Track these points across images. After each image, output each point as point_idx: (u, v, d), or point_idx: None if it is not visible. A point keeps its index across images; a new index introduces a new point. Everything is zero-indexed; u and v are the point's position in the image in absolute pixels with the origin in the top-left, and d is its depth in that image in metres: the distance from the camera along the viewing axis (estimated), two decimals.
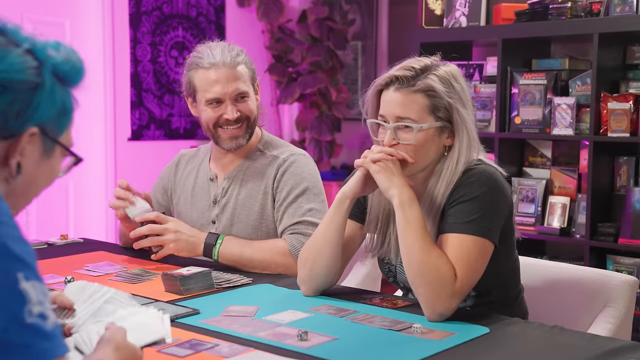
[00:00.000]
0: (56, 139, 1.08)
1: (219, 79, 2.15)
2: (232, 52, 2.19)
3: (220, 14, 5.41)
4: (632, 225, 3.25)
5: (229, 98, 2.16)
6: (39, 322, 0.95)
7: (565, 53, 3.70)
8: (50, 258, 2.26)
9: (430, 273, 1.62)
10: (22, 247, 0.98)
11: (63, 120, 1.08)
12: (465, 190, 1.71)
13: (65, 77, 1.07)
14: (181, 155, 2.46)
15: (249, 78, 2.21)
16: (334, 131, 5.40)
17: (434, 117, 1.73)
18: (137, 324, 1.24)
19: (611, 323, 1.87)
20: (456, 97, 1.73)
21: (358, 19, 5.83)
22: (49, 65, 1.04)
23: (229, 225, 2.23)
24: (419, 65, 1.74)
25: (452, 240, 1.68)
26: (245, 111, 2.19)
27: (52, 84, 1.04)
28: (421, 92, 1.72)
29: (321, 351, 1.44)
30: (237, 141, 2.21)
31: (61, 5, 4.71)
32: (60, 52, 1.07)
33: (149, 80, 5.06)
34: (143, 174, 4.94)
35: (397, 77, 1.73)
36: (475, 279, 1.67)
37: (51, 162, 1.09)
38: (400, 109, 1.72)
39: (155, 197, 2.44)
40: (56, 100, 1.05)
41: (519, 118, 3.60)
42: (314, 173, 2.23)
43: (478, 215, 1.67)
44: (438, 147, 1.76)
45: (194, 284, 1.86)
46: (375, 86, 1.78)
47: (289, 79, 5.32)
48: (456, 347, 1.47)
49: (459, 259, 1.65)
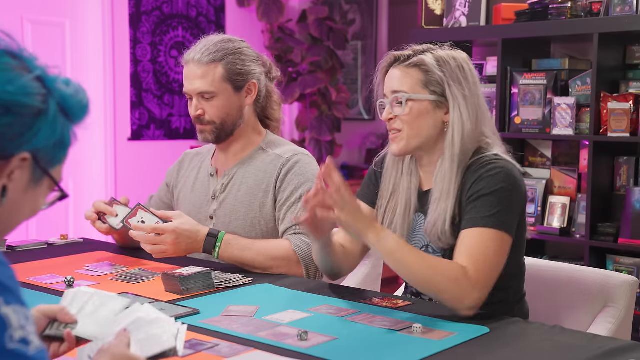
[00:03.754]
0: (47, 171, 1.06)
1: (188, 75, 2.20)
2: (214, 47, 2.18)
3: (220, 14, 5.41)
4: (632, 225, 3.25)
5: (194, 95, 2.20)
6: (21, 347, 0.93)
7: (565, 53, 3.70)
8: (50, 258, 2.26)
9: (437, 280, 1.65)
10: (2, 270, 0.96)
11: (58, 152, 1.06)
12: (485, 184, 1.74)
13: (70, 111, 1.06)
14: (185, 155, 2.47)
15: (222, 78, 2.17)
16: (334, 131, 5.41)
17: (428, 91, 1.80)
18: (147, 333, 1.21)
19: (611, 323, 1.87)
20: (449, 73, 1.79)
21: (358, 19, 5.84)
22: (57, 95, 1.04)
23: (226, 221, 2.22)
24: (420, 47, 1.85)
25: (471, 234, 1.72)
26: (208, 111, 2.18)
27: (55, 114, 1.04)
28: (415, 67, 1.81)
29: (321, 351, 1.44)
30: (203, 135, 2.23)
31: (61, 5, 4.71)
32: (69, 87, 1.07)
33: (149, 80, 5.06)
34: (143, 174, 4.95)
35: (396, 56, 1.85)
36: (495, 270, 1.70)
37: (37, 192, 1.07)
38: (396, 82, 1.82)
39: (159, 196, 2.45)
40: (56, 130, 1.04)
41: (519, 118, 3.60)
42: (317, 173, 2.23)
43: (497, 210, 1.72)
44: (436, 122, 1.81)
45: (194, 284, 1.86)
46: (381, 68, 1.88)
47: (289, 79, 5.33)
48: (456, 347, 1.47)
49: (475, 250, 1.69)
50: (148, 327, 1.21)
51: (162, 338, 1.20)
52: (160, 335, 1.20)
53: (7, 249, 2.39)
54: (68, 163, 1.12)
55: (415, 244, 1.88)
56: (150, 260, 2.16)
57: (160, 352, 1.20)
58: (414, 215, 1.89)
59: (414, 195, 1.89)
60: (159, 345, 1.20)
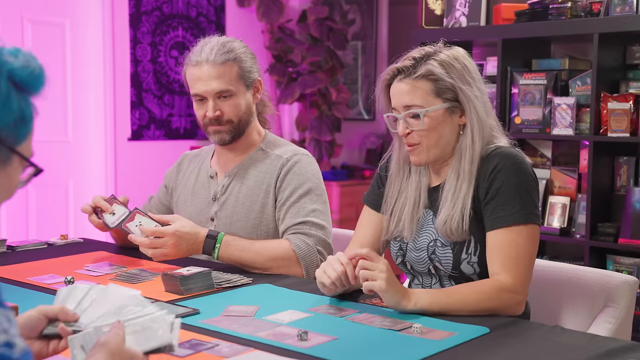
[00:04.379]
0: (13, 148, 1.01)
1: (202, 77, 2.15)
2: (223, 48, 2.16)
3: (220, 14, 5.41)
4: (632, 225, 3.25)
5: (210, 96, 2.16)
6: (5, 351, 0.90)
7: (565, 53, 3.70)
8: (50, 258, 2.26)
9: (483, 307, 1.69)
10: None
11: (21, 129, 1.00)
12: (501, 178, 1.76)
13: (24, 84, 1.00)
14: (184, 156, 2.46)
15: (237, 77, 2.17)
16: (334, 131, 5.40)
17: (441, 99, 1.80)
18: (142, 326, 1.20)
19: (611, 323, 1.86)
20: (457, 77, 1.79)
21: (358, 19, 5.83)
22: (5, 70, 0.98)
23: (228, 223, 2.22)
24: (419, 54, 1.82)
25: (499, 236, 1.75)
26: (226, 111, 2.17)
27: (8, 90, 0.98)
28: (423, 78, 1.79)
29: (321, 351, 1.44)
30: (220, 135, 2.21)
31: (61, 5, 4.71)
32: (18, 58, 1.00)
33: (149, 80, 5.06)
34: (143, 174, 4.95)
35: (399, 69, 1.82)
36: (529, 265, 1.76)
37: (8, 172, 1.02)
38: (406, 97, 1.80)
39: (158, 198, 2.45)
40: (12, 107, 0.98)
41: (519, 118, 3.60)
42: (317, 173, 2.23)
43: (519, 203, 1.75)
44: (453, 128, 1.82)
45: (194, 284, 1.86)
46: (382, 82, 1.86)
47: (289, 79, 5.32)
48: (456, 347, 1.47)
49: (505, 254, 1.73)
50: (142, 320, 1.20)
51: (158, 332, 1.19)
52: (156, 329, 1.19)
53: (7, 249, 2.39)
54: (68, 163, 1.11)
55: (423, 239, 1.88)
56: (150, 260, 2.16)
57: (157, 347, 1.19)
58: (423, 211, 1.90)
59: (424, 193, 1.90)
60: (155, 339, 1.18)
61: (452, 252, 1.81)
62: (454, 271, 1.82)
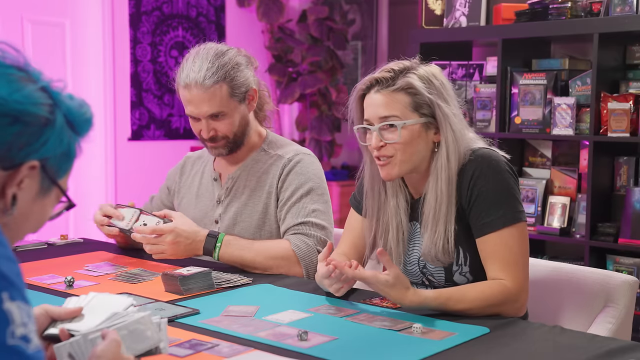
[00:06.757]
0: (55, 180, 1.08)
1: (192, 100, 2.12)
2: (213, 66, 2.10)
3: (220, 14, 5.41)
4: (632, 225, 3.25)
5: (203, 117, 2.15)
6: (21, 344, 0.93)
7: (565, 53, 3.70)
8: (50, 258, 2.26)
9: (489, 310, 1.69)
10: (10, 266, 0.96)
11: (65, 163, 1.09)
12: (480, 182, 1.74)
13: (75, 124, 1.09)
14: (187, 158, 2.46)
15: (228, 96, 2.12)
16: (334, 131, 5.40)
17: (418, 113, 1.76)
18: (128, 329, 1.20)
19: (611, 323, 1.86)
20: (436, 93, 1.76)
21: (358, 19, 5.83)
22: (63, 107, 1.07)
23: (231, 224, 2.22)
24: (397, 67, 1.78)
25: (491, 241, 1.74)
26: (220, 129, 2.15)
27: (62, 125, 1.06)
28: (402, 91, 1.75)
29: (321, 351, 1.44)
30: (217, 150, 2.21)
31: (61, 5, 4.71)
32: (73, 101, 1.09)
33: (149, 80, 5.06)
34: (143, 174, 4.95)
35: (377, 79, 1.77)
36: (525, 262, 1.76)
37: (45, 203, 1.09)
38: (383, 108, 1.75)
39: (160, 198, 2.46)
40: (63, 141, 1.07)
41: (519, 118, 3.60)
42: (319, 173, 2.23)
43: (504, 204, 1.74)
44: (427, 144, 1.79)
45: (194, 284, 1.86)
46: (357, 91, 1.81)
47: (289, 79, 5.32)
48: (456, 347, 1.47)
49: (501, 258, 1.73)
50: (128, 324, 1.20)
51: (147, 334, 1.20)
52: (143, 330, 1.20)
53: None
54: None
55: (413, 253, 1.87)
56: (150, 260, 2.16)
57: (147, 349, 1.19)
58: (408, 225, 1.88)
59: (405, 215, 1.87)
60: (144, 341, 1.19)
61: (443, 266, 1.81)
62: (447, 283, 1.82)
